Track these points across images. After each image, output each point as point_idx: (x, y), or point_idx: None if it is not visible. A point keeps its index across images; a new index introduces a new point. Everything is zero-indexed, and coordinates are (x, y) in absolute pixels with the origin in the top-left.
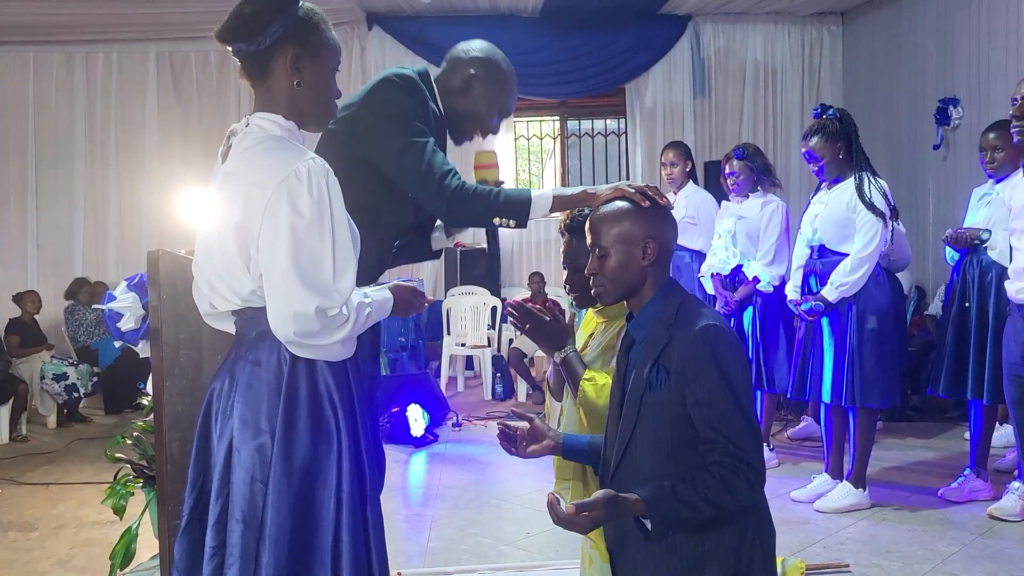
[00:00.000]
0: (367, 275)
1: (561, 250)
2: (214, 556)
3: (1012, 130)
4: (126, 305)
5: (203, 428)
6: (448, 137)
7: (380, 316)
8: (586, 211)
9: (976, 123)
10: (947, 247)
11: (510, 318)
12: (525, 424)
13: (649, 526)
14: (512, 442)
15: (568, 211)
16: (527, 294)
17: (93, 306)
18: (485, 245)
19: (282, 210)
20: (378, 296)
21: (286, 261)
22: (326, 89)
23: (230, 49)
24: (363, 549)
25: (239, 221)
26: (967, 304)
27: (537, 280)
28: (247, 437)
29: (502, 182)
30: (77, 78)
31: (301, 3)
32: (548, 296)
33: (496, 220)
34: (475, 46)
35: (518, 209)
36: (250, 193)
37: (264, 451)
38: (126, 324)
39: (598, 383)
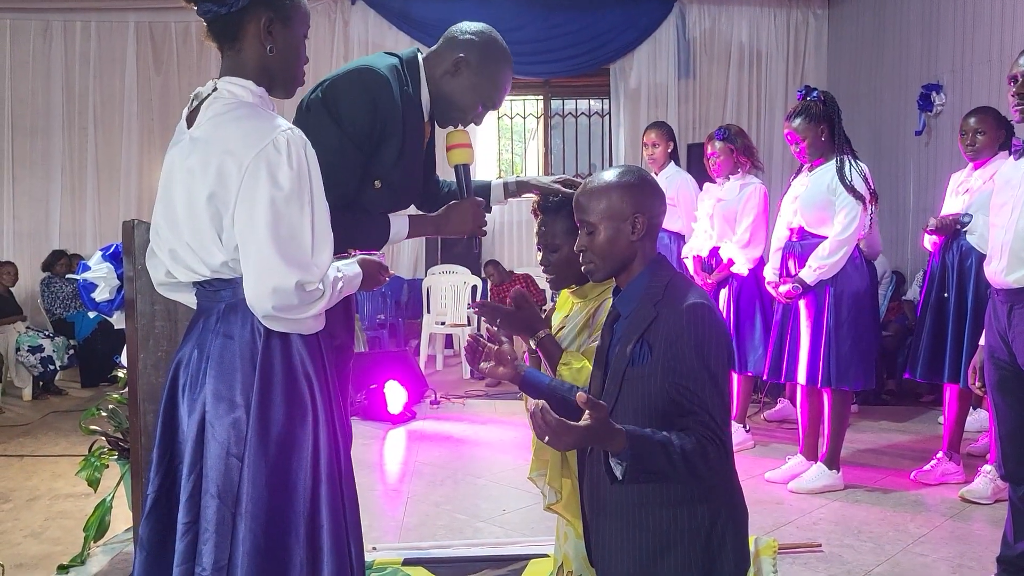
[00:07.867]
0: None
1: (535, 231)
2: (187, 532)
3: (1013, 109)
4: (100, 275)
5: (169, 401)
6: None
7: (350, 290)
8: (561, 192)
9: (959, 109)
10: (927, 235)
11: (481, 317)
12: (494, 346)
13: (622, 469)
14: (478, 356)
15: (540, 192)
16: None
17: (67, 276)
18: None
19: (260, 181)
20: (349, 271)
21: (265, 234)
22: (297, 56)
23: (195, 8)
24: (342, 522)
25: (212, 190)
26: (946, 294)
27: (522, 280)
28: (222, 412)
29: (468, 164)
30: (55, 47)
31: None
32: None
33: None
34: (472, 28)
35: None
36: (224, 162)
37: (239, 425)
38: (100, 295)
39: (574, 367)
